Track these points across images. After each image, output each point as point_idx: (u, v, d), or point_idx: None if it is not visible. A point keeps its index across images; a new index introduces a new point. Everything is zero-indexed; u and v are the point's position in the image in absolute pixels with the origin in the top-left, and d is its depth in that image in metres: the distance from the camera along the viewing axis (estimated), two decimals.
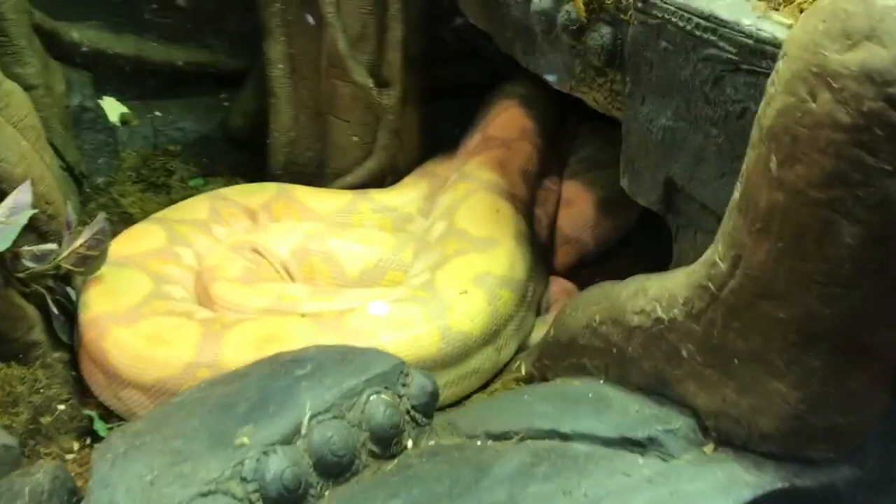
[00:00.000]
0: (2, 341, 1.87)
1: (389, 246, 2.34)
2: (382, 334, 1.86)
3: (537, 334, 2.14)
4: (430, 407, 1.49)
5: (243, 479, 1.26)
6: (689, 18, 1.31)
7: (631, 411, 1.38)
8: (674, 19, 1.34)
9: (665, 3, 1.36)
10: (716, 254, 1.18)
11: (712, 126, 1.32)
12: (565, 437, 1.37)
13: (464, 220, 2.20)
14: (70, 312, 2.06)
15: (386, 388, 1.44)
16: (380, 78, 2.45)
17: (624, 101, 1.54)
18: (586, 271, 2.45)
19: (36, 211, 1.91)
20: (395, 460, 1.41)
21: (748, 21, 1.22)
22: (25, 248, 1.91)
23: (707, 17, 1.28)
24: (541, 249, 2.33)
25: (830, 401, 1.11)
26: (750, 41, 1.21)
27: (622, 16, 1.49)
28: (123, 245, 2.17)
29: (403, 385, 1.47)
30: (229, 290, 2.12)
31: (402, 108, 2.50)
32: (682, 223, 1.52)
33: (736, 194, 1.14)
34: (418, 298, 1.97)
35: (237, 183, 2.99)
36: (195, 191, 2.97)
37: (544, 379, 1.86)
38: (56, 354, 2.02)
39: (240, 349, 1.84)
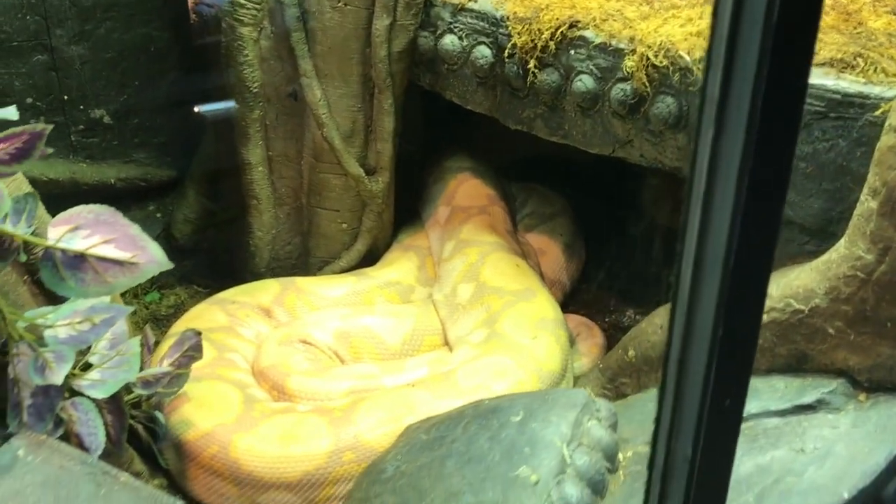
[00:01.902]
0: None
1: (417, 315, 2.54)
2: (494, 385, 2.07)
3: (579, 364, 2.47)
4: (616, 424, 1.76)
5: None
6: None
7: (780, 388, 1.76)
8: None
9: None
10: (858, 250, 1.60)
11: (800, 161, 1.76)
12: (745, 420, 1.71)
13: (494, 279, 2.47)
14: (158, 436, 2.03)
15: (592, 412, 1.69)
16: (367, 166, 2.66)
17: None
18: (571, 307, 2.84)
19: (140, 338, 1.90)
20: (620, 472, 1.66)
21: (830, 82, 1.69)
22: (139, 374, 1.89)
23: None
24: None
25: None
26: (837, 96, 1.67)
27: (690, 88, 1.90)
28: None
29: (597, 409, 1.73)
30: (307, 382, 2.21)
31: (388, 192, 2.72)
32: None
33: (871, 205, 1.57)
34: (499, 349, 2.21)
35: (196, 290, 3.02)
36: (154, 306, 2.94)
37: (622, 397, 2.19)
38: (156, 482, 1.99)
39: (374, 426, 1.96)
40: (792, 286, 1.74)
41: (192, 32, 3.07)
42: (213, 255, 3.07)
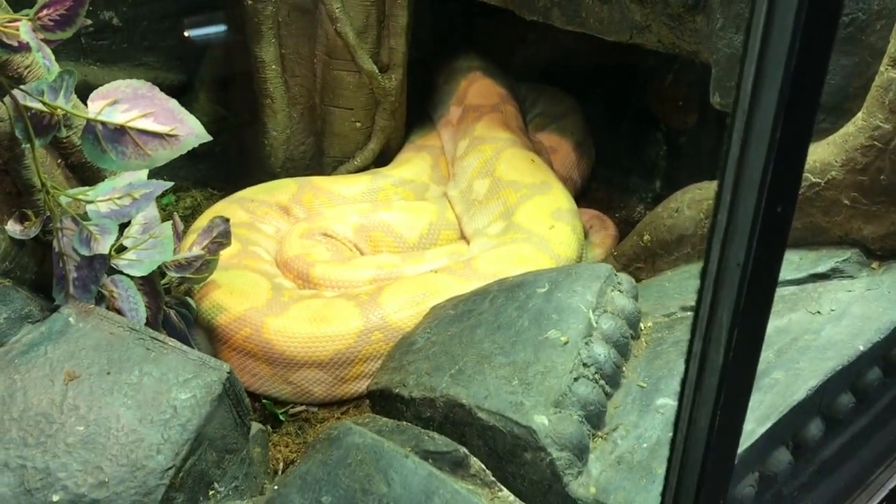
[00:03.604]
0: None
1: (433, 210, 2.59)
2: (513, 270, 2.13)
3: (593, 255, 2.53)
4: (637, 296, 1.83)
5: (585, 365, 1.53)
6: None
7: (795, 260, 1.83)
8: None
9: None
10: (876, 120, 1.65)
11: None
12: None
13: (509, 173, 2.51)
14: (189, 321, 2.09)
15: (615, 284, 1.76)
16: (380, 63, 2.67)
17: (714, 34, 1.97)
18: (582, 203, 2.89)
19: (171, 222, 1.94)
20: (642, 339, 1.74)
21: None
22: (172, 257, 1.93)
23: None
24: None
25: None
26: None
27: None
28: None
29: (619, 282, 1.80)
30: (332, 270, 2.27)
31: (401, 90, 2.73)
32: None
33: (890, 75, 1.61)
34: (518, 239, 2.27)
35: (211, 193, 3.05)
36: (170, 208, 2.98)
37: (637, 282, 2.26)
38: None
39: (400, 307, 2.03)
40: (808, 161, 1.78)
41: None
42: (226, 157, 3.09)
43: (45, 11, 1.38)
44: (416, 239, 2.52)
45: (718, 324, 0.91)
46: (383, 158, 2.87)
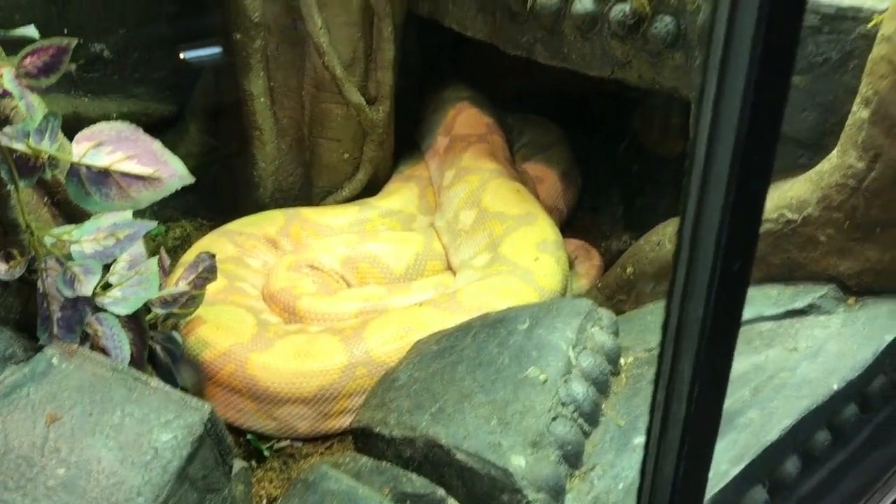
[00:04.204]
0: None
1: (420, 241, 2.61)
2: (498, 303, 2.15)
3: (578, 285, 2.55)
4: (618, 331, 1.85)
5: (563, 404, 1.55)
6: None
7: (773, 295, 1.85)
8: None
9: None
10: (850, 158, 1.67)
11: (795, 75, 1.82)
12: (741, 324, 1.80)
13: (495, 204, 2.54)
14: (175, 356, 2.11)
15: (595, 319, 1.78)
16: (368, 95, 2.70)
17: (693, 71, 2.00)
18: (568, 232, 2.91)
19: (158, 257, 1.95)
20: (622, 375, 1.75)
21: None
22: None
23: None
24: None
25: None
26: (831, 10, 1.73)
27: (687, 6, 1.94)
28: None
29: (599, 317, 1.81)
30: (318, 303, 2.28)
31: (388, 121, 2.76)
32: None
33: (862, 115, 1.64)
34: (503, 271, 2.29)
35: (200, 223, 3.08)
36: (160, 238, 3.00)
37: (620, 313, 2.28)
38: None
39: (385, 342, 2.04)
40: (785, 197, 1.81)
41: None
42: (216, 187, 3.11)
43: (28, 59, 1.41)
44: (403, 270, 2.54)
45: (680, 377, 0.93)
46: (371, 188, 2.89)
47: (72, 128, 2.86)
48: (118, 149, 1.57)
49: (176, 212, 3.08)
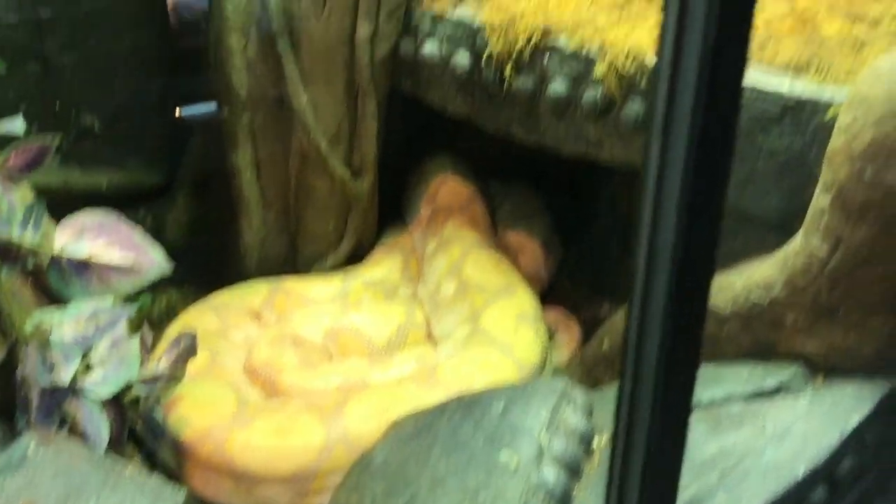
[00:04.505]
0: None
1: (402, 312, 2.64)
2: (477, 378, 2.18)
3: (558, 356, 2.58)
4: (592, 411, 1.87)
5: (534, 490, 1.56)
6: None
7: (744, 375, 1.88)
8: None
9: None
10: (811, 244, 1.72)
11: (759, 160, 1.88)
12: (710, 405, 1.83)
13: (476, 276, 2.58)
14: (156, 435, 2.13)
15: (569, 401, 1.81)
16: (352, 168, 2.76)
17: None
18: (549, 301, 2.95)
19: (140, 336, 1.98)
20: (596, 455, 1.77)
21: (785, 86, 1.81)
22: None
23: (751, 88, 1.84)
24: None
25: None
26: (792, 99, 1.79)
27: None
28: None
29: (574, 398, 1.84)
30: (299, 377, 2.31)
31: (372, 193, 2.82)
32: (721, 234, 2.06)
33: (823, 201, 1.69)
34: (481, 344, 2.32)
35: (187, 292, 3.11)
36: (145, 308, 3.03)
37: (598, 386, 2.30)
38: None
39: (364, 420, 2.06)
40: (753, 279, 1.86)
41: (175, 36, 3.15)
42: (203, 257, 3.15)
43: (12, 160, 1.46)
44: (385, 342, 2.56)
45: (633, 468, 0.95)
46: (356, 257, 2.93)
47: (62, 199, 2.95)
48: (99, 237, 1.61)
49: (163, 281, 3.10)
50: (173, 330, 2.52)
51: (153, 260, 1.62)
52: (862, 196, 1.62)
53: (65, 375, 1.59)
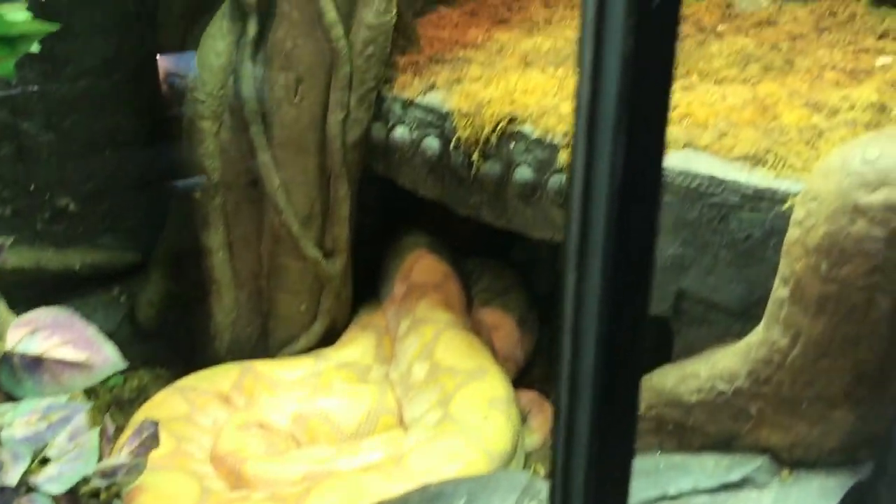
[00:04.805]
0: None
1: (373, 396, 2.61)
2: (444, 468, 2.14)
3: (531, 440, 2.54)
4: None
5: None
6: (694, 178, 1.88)
7: (710, 466, 1.85)
8: (678, 180, 1.90)
9: (668, 168, 1.92)
10: (772, 335, 1.72)
11: (721, 249, 1.89)
12: (676, 498, 1.80)
13: (447, 358, 2.56)
14: None
15: (532, 496, 1.77)
16: (324, 249, 2.76)
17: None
18: (525, 380, 2.92)
19: (101, 427, 1.95)
20: None
21: (743, 177, 1.82)
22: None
23: (710, 177, 1.86)
24: None
25: (873, 416, 1.68)
26: (750, 190, 1.81)
27: None
28: None
29: (538, 491, 1.81)
30: (263, 467, 2.27)
31: (345, 273, 2.81)
32: (686, 321, 2.06)
33: (782, 293, 1.69)
34: (450, 431, 2.29)
35: (158, 373, 3.08)
36: (117, 389, 3.00)
37: None
38: None
39: None
40: (717, 368, 1.85)
41: (163, 105, 3.16)
42: (175, 337, 3.14)
43: None
44: (355, 427, 2.53)
45: None
46: (330, 337, 2.91)
47: (34, 279, 2.95)
48: (53, 334, 1.60)
49: (135, 361, 3.06)
50: (139, 415, 2.48)
51: (107, 357, 1.61)
52: (819, 289, 1.62)
53: (12, 477, 1.56)
